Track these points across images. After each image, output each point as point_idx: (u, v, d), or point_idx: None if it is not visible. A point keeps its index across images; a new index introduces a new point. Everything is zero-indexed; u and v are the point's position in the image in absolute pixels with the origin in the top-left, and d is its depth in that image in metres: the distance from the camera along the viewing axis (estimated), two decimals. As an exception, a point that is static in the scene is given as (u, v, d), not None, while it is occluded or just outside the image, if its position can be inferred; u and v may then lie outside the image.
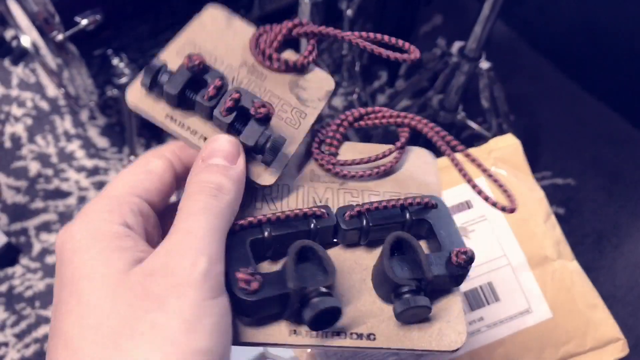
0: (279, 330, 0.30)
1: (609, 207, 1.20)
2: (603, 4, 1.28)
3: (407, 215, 0.34)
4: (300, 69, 0.37)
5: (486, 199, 0.34)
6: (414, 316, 0.31)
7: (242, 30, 0.38)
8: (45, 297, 1.06)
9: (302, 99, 0.37)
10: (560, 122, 1.31)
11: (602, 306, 0.55)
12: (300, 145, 0.36)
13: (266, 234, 0.31)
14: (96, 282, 0.26)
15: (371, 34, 0.37)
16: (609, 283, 1.11)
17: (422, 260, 0.31)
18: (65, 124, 1.26)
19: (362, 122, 0.38)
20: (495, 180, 0.34)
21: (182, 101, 0.34)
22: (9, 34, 1.32)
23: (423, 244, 0.35)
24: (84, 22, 0.87)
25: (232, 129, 0.33)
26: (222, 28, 0.38)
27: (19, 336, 1.02)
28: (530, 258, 0.55)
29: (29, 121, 1.26)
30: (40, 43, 0.97)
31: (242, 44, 0.38)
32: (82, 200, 1.16)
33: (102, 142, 1.24)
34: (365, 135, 1.16)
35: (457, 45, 1.04)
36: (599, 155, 1.26)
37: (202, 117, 0.34)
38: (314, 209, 0.33)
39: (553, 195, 1.20)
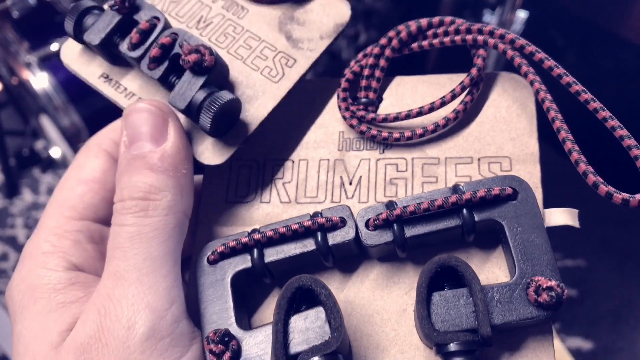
0: None
1: (622, 288, 1.20)
2: (596, 88, 1.35)
3: (466, 216, 0.22)
4: None
5: (595, 185, 0.24)
6: None
7: None
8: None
9: (294, 39, 0.26)
10: (565, 204, 1.33)
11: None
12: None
13: (256, 261, 0.23)
14: None
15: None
16: (630, 365, 1.09)
17: (476, 304, 0.21)
18: (89, 226, 1.33)
19: (414, 45, 0.25)
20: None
21: (115, 54, 0.25)
22: (39, 145, 1.43)
23: (497, 257, 0.24)
24: (109, 133, 0.95)
25: (167, 85, 0.24)
26: None
27: None
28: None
29: (56, 225, 1.33)
30: (69, 153, 1.05)
31: None
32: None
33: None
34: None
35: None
36: (608, 236, 1.28)
37: (143, 74, 0.25)
38: (319, 220, 0.23)
39: (564, 277, 1.19)
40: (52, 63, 0.94)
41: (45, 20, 0.99)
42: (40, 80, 0.93)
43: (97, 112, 0.96)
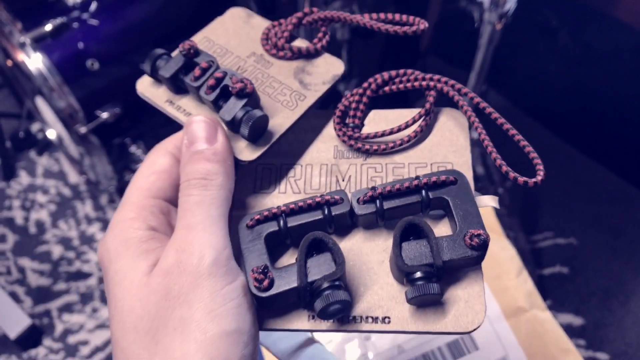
0: (298, 317, 0.32)
1: (613, 265, 1.21)
2: (590, 68, 1.35)
3: (424, 194, 0.33)
4: (309, 56, 0.39)
5: (506, 173, 0.33)
6: (426, 302, 0.31)
7: (258, 26, 0.41)
8: (67, 376, 1.09)
9: (304, 83, 0.38)
10: (558, 184, 1.35)
11: (574, 351, 0.58)
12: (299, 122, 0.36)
13: (282, 226, 0.33)
14: (126, 288, 0.29)
15: (382, 14, 0.37)
16: (619, 340, 1.11)
17: (432, 246, 0.31)
18: (86, 208, 1.33)
19: (386, 88, 0.37)
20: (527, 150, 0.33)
21: (178, 85, 0.36)
22: (35, 127, 1.43)
23: (444, 225, 0.34)
24: (105, 115, 0.95)
25: (217, 107, 0.35)
26: (240, 25, 0.41)
27: (41, 416, 1.04)
28: (505, 309, 0.59)
29: (53, 207, 1.34)
30: (65, 135, 1.06)
31: (255, 38, 0.40)
32: (102, 280, 1.21)
33: (120, 223, 1.30)
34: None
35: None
36: (598, 214, 1.29)
37: (196, 99, 0.36)
38: (326, 197, 0.33)
39: (556, 255, 1.22)
40: (46, 44, 0.93)
41: (38, 0, 0.98)
42: (34, 62, 0.93)
43: (93, 93, 0.96)
